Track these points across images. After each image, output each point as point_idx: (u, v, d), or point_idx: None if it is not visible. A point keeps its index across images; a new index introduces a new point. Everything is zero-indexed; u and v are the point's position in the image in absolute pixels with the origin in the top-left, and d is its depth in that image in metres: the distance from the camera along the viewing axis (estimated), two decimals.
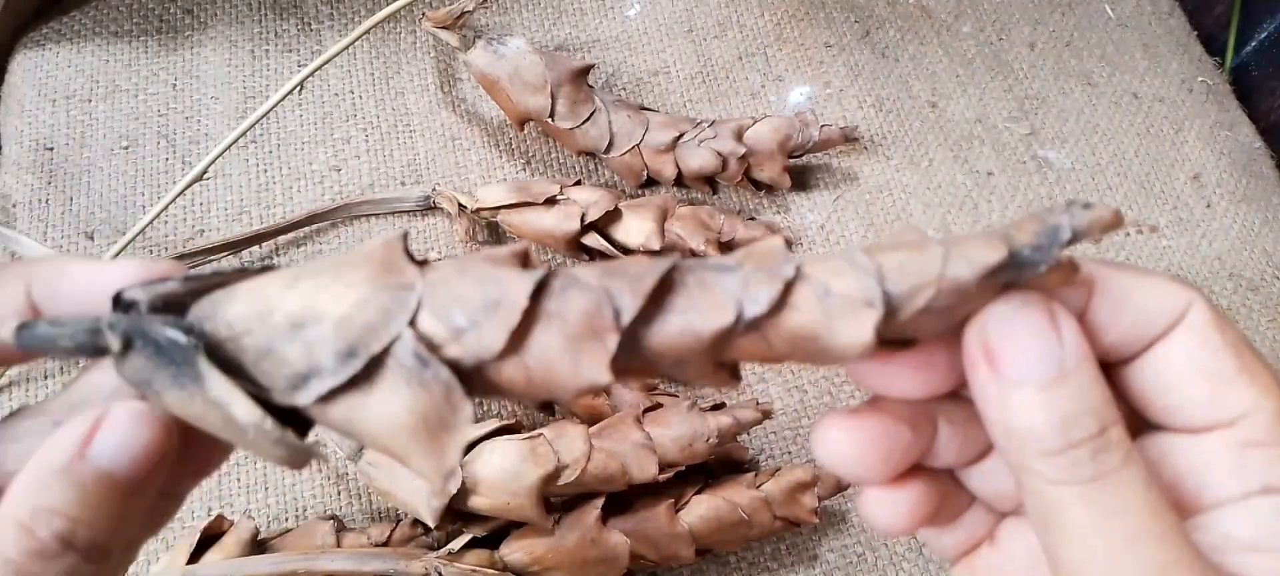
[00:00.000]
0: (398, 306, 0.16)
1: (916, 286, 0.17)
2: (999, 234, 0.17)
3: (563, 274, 0.17)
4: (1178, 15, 0.62)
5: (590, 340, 0.16)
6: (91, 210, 0.50)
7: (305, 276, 0.17)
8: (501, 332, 0.16)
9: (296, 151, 0.52)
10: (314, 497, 0.44)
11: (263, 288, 0.17)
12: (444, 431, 0.16)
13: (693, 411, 0.40)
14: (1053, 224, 0.17)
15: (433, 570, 0.37)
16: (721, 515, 0.39)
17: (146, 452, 0.17)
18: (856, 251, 0.17)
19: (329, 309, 0.16)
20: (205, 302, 0.17)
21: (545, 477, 0.37)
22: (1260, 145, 0.58)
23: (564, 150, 0.53)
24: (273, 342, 0.16)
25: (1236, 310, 0.51)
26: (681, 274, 0.17)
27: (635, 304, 0.16)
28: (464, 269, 0.17)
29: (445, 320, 0.16)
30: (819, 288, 0.17)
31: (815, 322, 0.17)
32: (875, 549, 0.44)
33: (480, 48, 0.49)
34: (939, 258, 0.17)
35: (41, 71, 0.53)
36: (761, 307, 0.16)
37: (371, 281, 0.17)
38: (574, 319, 0.16)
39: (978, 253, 0.17)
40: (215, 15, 0.56)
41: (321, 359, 0.16)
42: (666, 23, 0.58)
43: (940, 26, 0.60)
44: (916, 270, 0.17)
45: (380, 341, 0.16)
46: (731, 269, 0.17)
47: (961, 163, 0.55)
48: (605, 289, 0.16)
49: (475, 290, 0.16)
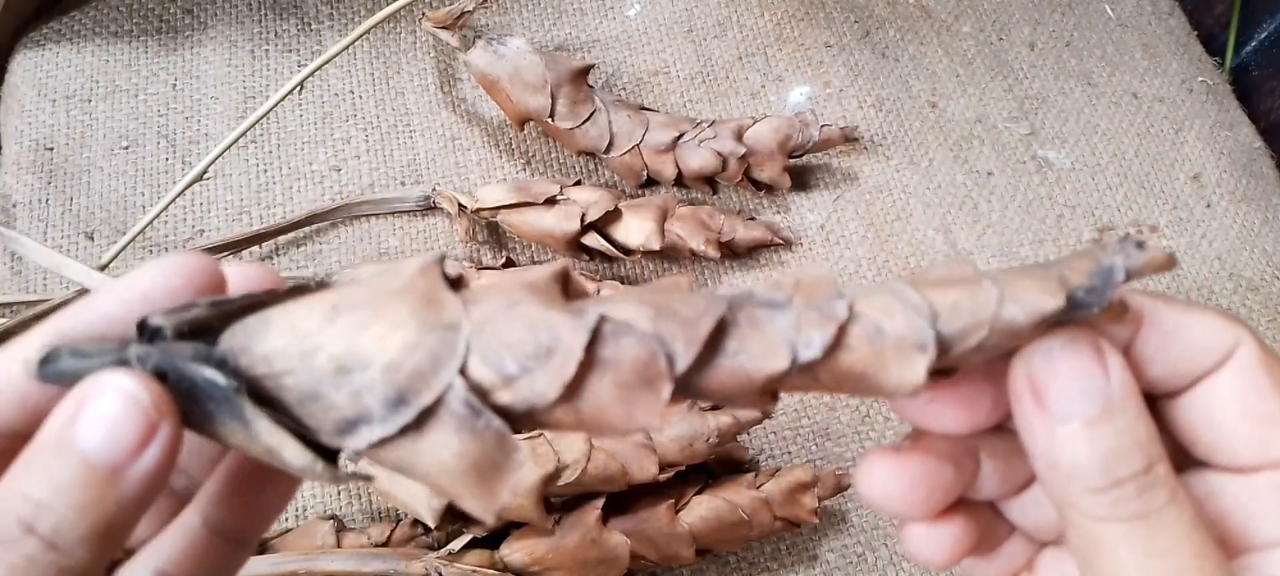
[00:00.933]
0: (446, 352, 0.16)
1: (969, 328, 0.17)
2: (1055, 276, 0.17)
3: (612, 315, 0.16)
4: (1178, 15, 0.62)
5: (644, 388, 0.16)
6: (91, 210, 0.50)
7: (344, 309, 0.16)
8: (556, 383, 0.16)
9: (296, 151, 0.52)
10: (314, 497, 0.44)
11: (297, 318, 0.16)
12: (495, 474, 0.16)
13: (693, 411, 0.40)
14: (1107, 265, 0.17)
15: (433, 570, 0.37)
16: (721, 515, 0.39)
17: (132, 439, 0.16)
18: (908, 288, 0.17)
19: (374, 353, 0.16)
20: (237, 331, 0.16)
21: (545, 477, 0.37)
22: (1260, 145, 0.58)
23: (564, 150, 0.53)
24: (318, 387, 0.16)
25: (1236, 310, 0.51)
26: (733, 313, 0.17)
27: (691, 353, 0.16)
28: (511, 305, 0.16)
29: (496, 367, 0.16)
30: (871, 328, 0.16)
31: (866, 363, 0.17)
32: (875, 549, 0.44)
33: (480, 48, 0.49)
34: (994, 299, 0.17)
35: (41, 71, 0.53)
36: (815, 353, 0.16)
37: (416, 319, 0.16)
38: (628, 368, 0.16)
39: (1033, 298, 0.16)
40: (215, 15, 0.56)
41: (370, 406, 0.16)
42: (666, 23, 0.58)
43: (940, 26, 0.60)
44: (969, 311, 0.17)
45: (432, 391, 0.16)
46: (783, 306, 0.17)
47: (961, 163, 0.55)
48: (659, 337, 0.16)
49: (526, 334, 0.16)
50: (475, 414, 0.16)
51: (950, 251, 0.52)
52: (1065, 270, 0.17)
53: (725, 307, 0.16)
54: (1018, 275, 0.17)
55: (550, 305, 0.16)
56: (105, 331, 0.17)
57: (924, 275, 0.18)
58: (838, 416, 0.47)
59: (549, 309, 0.16)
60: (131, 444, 0.15)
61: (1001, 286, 0.17)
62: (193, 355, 0.16)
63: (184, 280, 0.17)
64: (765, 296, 0.17)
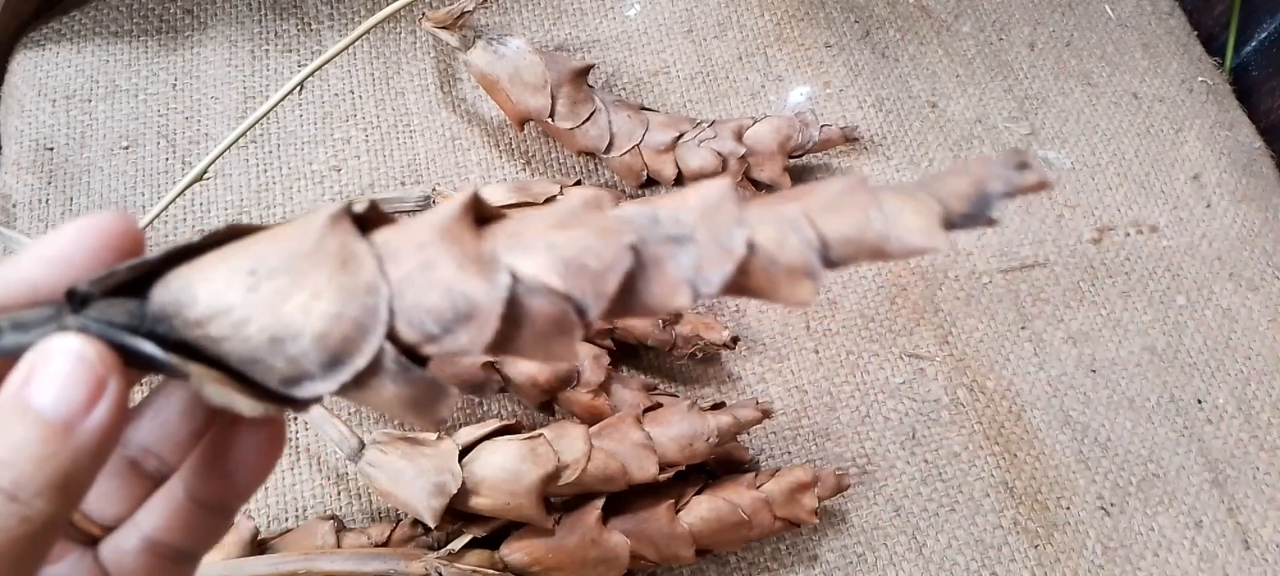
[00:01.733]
0: (370, 318, 0.17)
1: (853, 254, 0.18)
2: (937, 207, 0.18)
3: (523, 274, 0.17)
4: (1178, 15, 0.62)
5: (559, 335, 0.17)
6: (91, 210, 0.50)
7: (263, 276, 0.17)
8: (478, 341, 0.17)
9: (296, 151, 0.52)
10: (314, 497, 0.44)
11: (219, 287, 0.17)
12: (432, 404, 0.18)
13: (693, 411, 0.40)
14: (987, 192, 0.18)
15: (433, 570, 0.37)
16: (721, 515, 0.39)
17: (82, 395, 0.17)
18: (802, 218, 0.18)
19: (302, 324, 0.17)
20: (163, 293, 0.17)
21: (545, 477, 0.37)
22: (1260, 145, 0.58)
23: (564, 150, 0.53)
24: (255, 353, 0.17)
25: (1237, 310, 0.51)
26: (640, 255, 0.18)
27: (600, 306, 0.17)
28: (426, 267, 0.17)
29: (420, 330, 0.17)
30: (766, 259, 0.18)
31: (761, 288, 0.18)
32: (875, 549, 0.44)
33: (480, 48, 0.49)
34: (878, 228, 0.18)
35: (41, 71, 0.53)
36: (714, 289, 0.18)
37: (334, 285, 0.17)
38: (543, 322, 0.17)
39: (914, 237, 0.18)
40: (215, 15, 0.56)
41: (308, 369, 0.17)
42: (666, 23, 0.58)
43: (940, 26, 0.60)
44: (855, 241, 0.18)
45: (363, 357, 0.17)
46: (686, 241, 0.18)
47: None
48: (569, 295, 0.17)
49: (444, 301, 0.17)
50: (407, 370, 0.17)
51: (950, 251, 0.52)
52: (946, 197, 0.18)
53: (631, 258, 0.17)
54: (904, 202, 0.18)
55: (464, 262, 0.17)
56: (33, 297, 0.18)
57: (817, 194, 0.19)
58: (838, 416, 0.47)
59: (463, 270, 0.17)
60: (83, 399, 0.17)
61: (886, 215, 0.18)
62: (127, 320, 0.17)
63: (100, 239, 0.18)
64: (670, 228, 0.18)
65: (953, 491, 0.45)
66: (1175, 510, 0.46)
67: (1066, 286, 0.51)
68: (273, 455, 0.21)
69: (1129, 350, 0.50)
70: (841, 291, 0.50)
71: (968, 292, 0.51)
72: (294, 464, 0.44)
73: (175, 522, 0.21)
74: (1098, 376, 0.49)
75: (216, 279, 0.17)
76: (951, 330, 0.50)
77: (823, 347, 0.49)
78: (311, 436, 0.45)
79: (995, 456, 0.46)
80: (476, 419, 0.46)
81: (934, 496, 0.45)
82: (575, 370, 0.41)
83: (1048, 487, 0.46)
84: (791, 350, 0.48)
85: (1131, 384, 0.49)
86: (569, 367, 0.41)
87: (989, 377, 0.48)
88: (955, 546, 0.44)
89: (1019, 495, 0.45)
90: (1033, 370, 0.49)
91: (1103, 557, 0.44)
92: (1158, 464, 0.47)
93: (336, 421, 0.39)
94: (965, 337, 0.49)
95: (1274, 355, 0.50)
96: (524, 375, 0.41)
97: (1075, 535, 0.45)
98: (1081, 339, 0.50)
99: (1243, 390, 0.49)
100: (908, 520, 0.45)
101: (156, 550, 0.21)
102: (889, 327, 0.49)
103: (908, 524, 0.44)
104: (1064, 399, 0.48)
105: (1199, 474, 0.47)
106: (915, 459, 0.46)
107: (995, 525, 0.45)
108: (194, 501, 0.21)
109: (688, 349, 0.45)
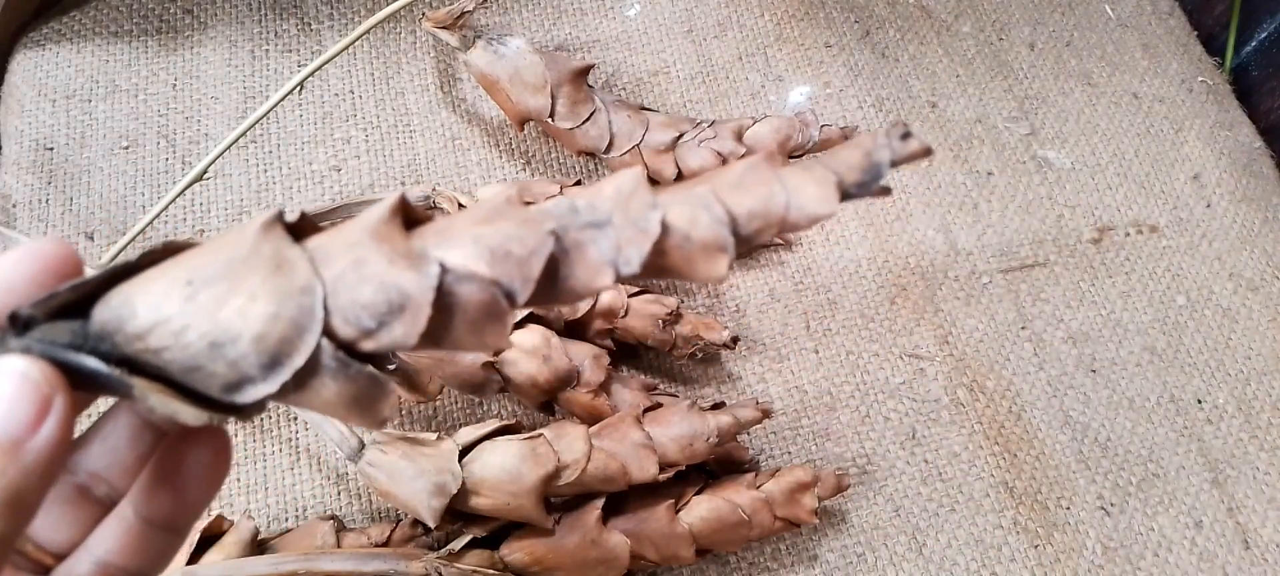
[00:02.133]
0: (306, 317, 0.17)
1: (762, 229, 0.19)
2: (833, 179, 0.20)
3: (452, 264, 0.18)
4: (1178, 15, 0.62)
5: (490, 321, 0.18)
6: (91, 210, 0.50)
7: (200, 285, 0.18)
8: (413, 333, 0.18)
9: (296, 151, 0.52)
10: (314, 497, 0.44)
11: (158, 298, 0.18)
12: (374, 402, 0.18)
13: (693, 411, 0.40)
14: (877, 161, 0.20)
15: (433, 570, 0.37)
16: (721, 515, 0.39)
17: (28, 414, 0.17)
18: (712, 198, 0.19)
19: (240, 327, 0.17)
20: (104, 310, 0.18)
21: (545, 478, 0.37)
22: (1260, 145, 0.58)
23: (564, 150, 0.53)
24: (196, 360, 0.17)
25: (1237, 310, 0.51)
26: (561, 241, 0.19)
27: (527, 290, 0.18)
28: (358, 264, 0.18)
29: (356, 325, 0.18)
30: (680, 237, 0.19)
31: (678, 266, 0.19)
32: (875, 549, 0.44)
33: (480, 48, 0.49)
34: (782, 203, 0.19)
35: (41, 71, 0.53)
36: (634, 268, 0.19)
37: (269, 287, 0.17)
38: (474, 310, 0.18)
39: (812, 203, 0.19)
40: (215, 15, 0.56)
41: (249, 371, 0.17)
42: (666, 23, 0.58)
43: (940, 26, 0.60)
44: (762, 216, 0.19)
45: (302, 354, 0.17)
46: (604, 225, 0.19)
47: (961, 163, 0.55)
48: (496, 281, 0.18)
49: (377, 295, 0.18)
50: (346, 365, 0.18)
51: (950, 251, 0.52)
52: (841, 168, 0.20)
53: (552, 243, 0.18)
54: (804, 178, 0.20)
55: (394, 258, 0.18)
56: None
57: (726, 177, 0.20)
58: (838, 416, 0.47)
59: (393, 265, 0.18)
60: (29, 418, 0.17)
61: (788, 188, 0.19)
62: (70, 339, 0.18)
63: (40, 265, 0.19)
64: (588, 216, 0.19)
65: (953, 491, 0.45)
66: (1175, 510, 0.46)
67: (1066, 286, 0.51)
68: (220, 469, 0.21)
69: (1129, 350, 0.50)
70: (841, 291, 0.50)
71: (968, 292, 0.51)
72: (294, 464, 0.44)
73: (127, 545, 0.21)
74: (1098, 376, 0.49)
75: (155, 291, 0.18)
76: (951, 330, 0.50)
77: (823, 347, 0.49)
78: (311, 436, 0.45)
79: (995, 456, 0.46)
80: (476, 419, 0.46)
81: (934, 496, 0.45)
82: (575, 370, 0.41)
83: (1048, 487, 0.46)
84: (791, 350, 0.48)
85: (1131, 384, 0.49)
86: (569, 367, 0.41)
87: (989, 377, 0.48)
88: (955, 546, 0.44)
89: (1019, 495, 0.45)
90: (1033, 370, 0.49)
91: (1103, 557, 0.44)
92: (1158, 464, 0.47)
93: (336, 421, 0.39)
94: (965, 337, 0.49)
95: (1274, 355, 0.50)
96: (524, 375, 0.41)
97: (1075, 535, 0.45)
98: (1081, 339, 0.50)
99: (1243, 390, 0.49)
100: (908, 520, 0.45)
101: (109, 574, 0.21)
102: (889, 327, 0.49)
103: (908, 524, 0.44)
104: (1064, 399, 0.48)
105: (1199, 474, 0.47)
106: (915, 459, 0.46)
107: (995, 525, 0.45)
108: (145, 522, 0.21)
109: (688, 349, 0.45)
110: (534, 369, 0.40)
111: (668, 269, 0.19)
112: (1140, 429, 0.48)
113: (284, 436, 0.45)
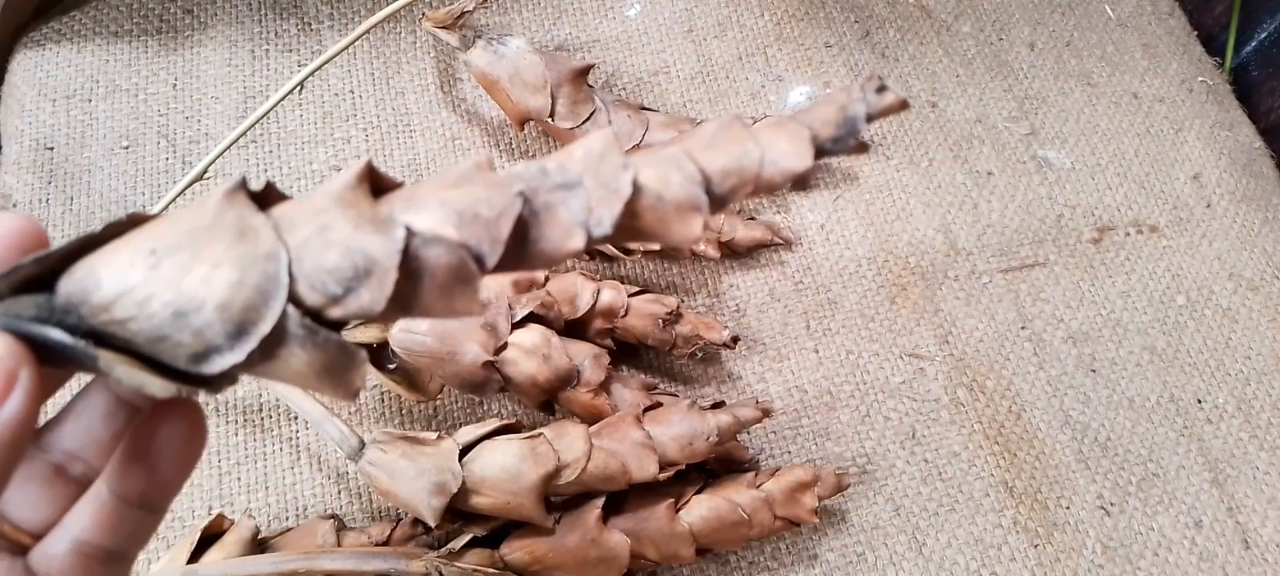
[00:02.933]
0: (270, 284, 0.17)
1: (736, 187, 0.19)
2: (807, 134, 0.19)
3: (418, 227, 0.17)
4: (1178, 15, 0.62)
5: (460, 286, 0.18)
6: (91, 210, 0.50)
7: (163, 254, 0.17)
8: (380, 298, 0.17)
9: (296, 151, 0.52)
10: (314, 497, 0.44)
11: (122, 267, 0.17)
12: (345, 372, 0.18)
13: (693, 410, 0.40)
14: (852, 115, 0.19)
15: (433, 570, 0.37)
16: (722, 515, 0.39)
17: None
18: (685, 157, 0.19)
19: (204, 295, 0.17)
20: (69, 282, 0.18)
21: (545, 477, 0.37)
22: (1260, 145, 0.58)
23: None
24: (161, 330, 0.17)
25: (1237, 310, 0.51)
26: (530, 203, 0.18)
27: (496, 253, 0.18)
28: (323, 229, 0.17)
29: (322, 291, 0.17)
30: (653, 198, 0.18)
31: (651, 227, 0.19)
32: (875, 549, 0.44)
33: (480, 48, 0.49)
34: (756, 160, 0.19)
35: (41, 71, 0.53)
36: (606, 230, 0.18)
37: (232, 254, 0.17)
38: (443, 274, 0.18)
39: (788, 160, 0.19)
40: (215, 15, 0.56)
41: (215, 340, 0.17)
42: (666, 23, 0.58)
43: (940, 26, 0.60)
44: (736, 173, 0.19)
45: (268, 321, 0.17)
46: (575, 186, 0.18)
47: (961, 162, 0.55)
48: (465, 244, 0.17)
49: (343, 260, 0.17)
50: (314, 333, 0.17)
51: (950, 251, 0.52)
52: (815, 123, 0.19)
53: (521, 204, 0.18)
54: (777, 134, 0.19)
55: (360, 223, 0.18)
56: None
57: (697, 135, 0.19)
58: (838, 416, 0.47)
59: (359, 229, 0.17)
60: None
61: (761, 144, 0.19)
62: (36, 312, 0.17)
63: (4, 240, 0.19)
64: (559, 177, 0.19)
65: (953, 491, 0.45)
66: (1175, 510, 0.46)
67: (1066, 286, 0.51)
68: (194, 445, 0.21)
69: (1129, 350, 0.50)
70: (842, 291, 0.50)
71: (968, 292, 0.51)
72: (294, 463, 0.44)
73: (104, 523, 0.21)
74: (1098, 376, 0.49)
75: (118, 262, 0.18)
76: (951, 330, 0.50)
77: (823, 347, 0.49)
78: (312, 436, 0.45)
79: (995, 456, 0.46)
80: (477, 418, 0.46)
81: (934, 496, 0.45)
82: (575, 369, 0.41)
83: (1048, 487, 0.46)
84: (791, 350, 0.48)
85: (1131, 384, 0.49)
86: (569, 366, 0.41)
87: (989, 377, 0.48)
88: (955, 546, 0.44)
89: (1019, 495, 0.45)
90: (1033, 370, 0.49)
91: (1103, 557, 0.44)
92: (1158, 464, 0.47)
93: (337, 420, 0.39)
94: (965, 337, 0.49)
95: (1274, 355, 0.50)
96: (524, 374, 0.41)
97: (1075, 535, 0.45)
98: (1081, 339, 0.50)
99: (1243, 390, 0.49)
100: (908, 520, 0.45)
101: (86, 552, 0.21)
102: (889, 327, 0.49)
103: (908, 523, 0.44)
104: (1064, 399, 0.48)
105: (1199, 474, 0.47)
106: (915, 458, 0.46)
107: (995, 525, 0.45)
108: (120, 500, 0.21)
109: (688, 348, 0.45)
110: (534, 368, 0.40)
111: (641, 231, 0.19)
112: (1140, 429, 0.48)
113: (284, 436, 0.45)
